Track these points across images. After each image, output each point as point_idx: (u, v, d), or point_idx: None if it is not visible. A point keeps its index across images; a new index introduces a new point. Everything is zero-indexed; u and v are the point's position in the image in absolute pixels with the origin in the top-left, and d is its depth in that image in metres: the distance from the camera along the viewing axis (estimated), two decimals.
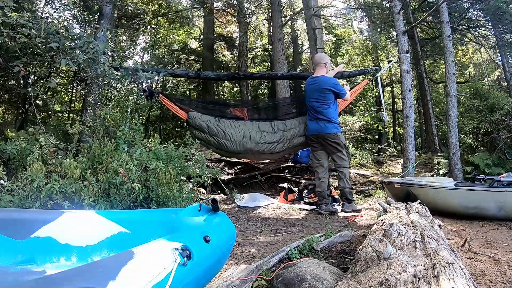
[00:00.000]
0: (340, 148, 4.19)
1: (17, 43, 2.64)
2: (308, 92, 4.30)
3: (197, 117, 4.51)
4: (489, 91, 6.33)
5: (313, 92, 4.20)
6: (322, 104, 4.16)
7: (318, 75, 4.26)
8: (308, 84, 4.32)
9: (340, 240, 2.71)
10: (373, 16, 10.26)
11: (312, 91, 4.22)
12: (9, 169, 2.46)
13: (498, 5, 7.80)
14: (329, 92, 4.15)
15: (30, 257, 1.35)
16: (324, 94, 4.15)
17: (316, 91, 4.17)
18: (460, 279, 1.16)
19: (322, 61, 4.30)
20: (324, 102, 4.16)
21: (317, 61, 4.35)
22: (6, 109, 7.85)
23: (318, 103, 4.17)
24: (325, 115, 4.15)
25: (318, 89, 4.16)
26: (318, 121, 4.17)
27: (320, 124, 4.16)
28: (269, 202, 5.12)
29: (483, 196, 3.56)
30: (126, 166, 2.45)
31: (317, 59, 4.41)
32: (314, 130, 4.23)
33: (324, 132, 4.15)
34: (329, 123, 4.16)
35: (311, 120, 4.26)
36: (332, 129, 4.17)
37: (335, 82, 4.27)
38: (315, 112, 4.19)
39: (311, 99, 4.23)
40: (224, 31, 15.05)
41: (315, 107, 4.18)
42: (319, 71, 4.28)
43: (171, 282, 0.98)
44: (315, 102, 4.18)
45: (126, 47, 9.93)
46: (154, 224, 1.60)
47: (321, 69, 4.27)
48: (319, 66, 4.29)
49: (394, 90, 16.80)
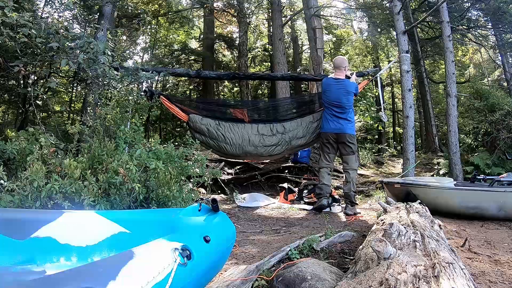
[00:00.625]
0: (354, 150, 4.30)
1: (17, 43, 2.64)
2: (332, 92, 4.31)
3: (198, 120, 4.54)
4: (489, 91, 6.32)
5: (339, 93, 4.25)
6: (348, 106, 4.27)
7: (341, 78, 4.34)
8: (332, 84, 4.34)
9: (340, 240, 2.71)
10: (373, 16, 10.26)
11: (337, 92, 4.27)
12: (9, 169, 2.46)
13: (498, 5, 7.80)
14: (352, 95, 4.32)
15: (30, 257, 1.34)
16: (349, 97, 4.28)
17: (343, 94, 4.25)
18: (460, 279, 1.16)
19: (343, 64, 4.41)
20: (349, 104, 4.29)
21: (338, 64, 4.42)
22: (6, 109, 7.86)
23: (344, 105, 4.24)
24: (348, 116, 4.26)
25: (346, 91, 4.26)
26: (340, 120, 4.23)
27: (342, 123, 4.22)
28: (269, 202, 5.12)
29: (483, 196, 3.56)
30: (126, 166, 2.45)
31: (339, 62, 4.47)
32: (335, 129, 4.24)
33: (346, 132, 4.22)
34: (350, 123, 4.27)
35: (332, 119, 4.27)
36: (352, 130, 4.30)
37: (357, 87, 4.46)
38: (338, 112, 4.24)
39: (334, 100, 4.26)
40: (224, 31, 15.05)
41: (340, 107, 4.24)
42: (340, 74, 4.37)
43: (171, 282, 0.98)
44: (339, 103, 4.24)
45: (126, 47, 9.93)
46: (154, 224, 1.60)
47: (342, 72, 4.38)
48: (339, 69, 4.38)
49: (394, 90, 16.80)
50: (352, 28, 16.82)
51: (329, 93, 4.32)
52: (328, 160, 4.35)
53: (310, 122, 4.69)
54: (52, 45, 2.75)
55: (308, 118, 4.73)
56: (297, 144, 4.71)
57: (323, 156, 4.40)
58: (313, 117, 4.71)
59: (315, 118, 4.68)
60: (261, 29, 15.26)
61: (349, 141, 4.23)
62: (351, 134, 4.27)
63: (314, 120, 4.68)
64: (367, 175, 7.96)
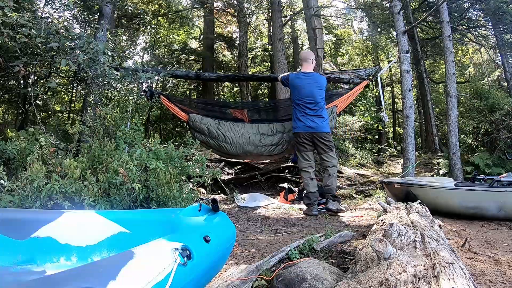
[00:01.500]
0: (332, 147, 4.14)
1: (17, 43, 2.64)
2: (304, 88, 4.05)
3: (198, 120, 4.54)
4: (489, 91, 6.33)
5: (311, 88, 4.02)
6: (320, 102, 4.06)
7: (310, 71, 4.14)
8: (302, 79, 4.08)
9: (340, 240, 2.71)
10: (373, 16, 10.26)
11: (309, 87, 4.03)
12: (9, 169, 2.46)
13: (498, 5, 7.80)
14: (324, 89, 4.13)
15: (30, 257, 1.35)
16: (322, 92, 4.08)
17: (315, 88, 4.04)
18: (460, 279, 1.16)
19: (311, 57, 4.23)
20: (322, 100, 4.09)
21: (306, 57, 4.23)
22: (6, 109, 7.86)
23: (317, 100, 4.04)
24: (321, 113, 4.06)
25: (318, 86, 4.05)
26: (314, 119, 4.02)
27: (317, 121, 4.02)
28: (269, 202, 5.12)
29: (483, 196, 3.56)
30: (126, 166, 2.45)
31: (306, 55, 4.29)
32: (309, 128, 4.02)
33: (322, 131, 4.04)
34: (324, 121, 4.08)
35: (305, 117, 4.02)
36: (327, 128, 4.11)
37: (326, 80, 4.27)
38: (311, 110, 4.02)
39: (307, 96, 4.01)
40: (224, 31, 15.05)
41: (313, 104, 4.02)
42: (309, 67, 4.16)
43: (171, 282, 0.98)
44: (313, 99, 4.02)
45: (126, 47, 9.93)
46: (154, 224, 1.60)
47: (310, 65, 4.17)
48: (307, 62, 4.18)
49: (394, 90, 16.81)
50: (352, 28, 16.83)
51: (300, 88, 4.05)
52: (307, 159, 4.13)
53: None
54: (52, 45, 2.75)
55: None
56: None
57: (301, 157, 4.16)
58: None
59: None
60: (261, 29, 15.26)
61: (326, 139, 4.06)
62: (328, 132, 4.09)
63: None
64: (367, 175, 7.95)
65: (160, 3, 11.71)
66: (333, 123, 4.68)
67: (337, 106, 4.70)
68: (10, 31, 2.57)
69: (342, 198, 5.37)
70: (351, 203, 5.26)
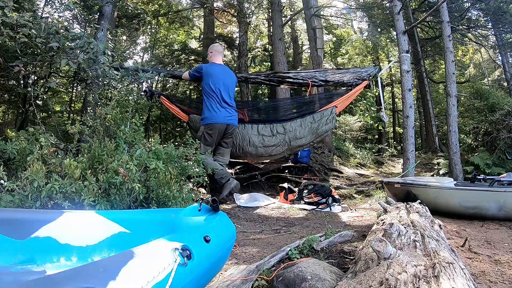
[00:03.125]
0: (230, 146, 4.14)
1: (17, 43, 2.64)
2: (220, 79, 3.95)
3: (198, 120, 4.54)
4: (489, 91, 6.34)
5: (227, 79, 3.96)
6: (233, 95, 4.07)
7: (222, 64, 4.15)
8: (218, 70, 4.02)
9: (340, 240, 2.71)
10: (373, 16, 10.27)
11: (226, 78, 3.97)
12: (9, 169, 2.46)
13: (498, 5, 7.80)
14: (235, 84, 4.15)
15: (30, 257, 1.34)
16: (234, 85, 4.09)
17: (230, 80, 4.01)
18: (460, 279, 1.16)
19: (221, 49, 4.26)
20: (233, 93, 4.10)
21: (220, 50, 4.25)
22: (6, 109, 7.86)
23: (232, 93, 4.02)
24: (234, 105, 4.03)
25: (232, 78, 4.06)
26: (230, 110, 3.94)
27: (232, 113, 3.96)
28: (269, 202, 5.12)
29: (483, 196, 3.56)
30: (126, 166, 2.45)
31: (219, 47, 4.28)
32: (226, 119, 3.89)
33: (235, 124, 4.00)
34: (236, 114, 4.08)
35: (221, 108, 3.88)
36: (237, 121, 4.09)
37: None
38: (226, 101, 3.93)
39: (223, 86, 3.92)
40: (224, 31, 15.05)
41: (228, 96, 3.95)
42: (220, 60, 4.16)
43: (171, 282, 0.98)
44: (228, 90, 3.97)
45: (126, 47, 9.92)
46: (154, 224, 1.60)
47: (221, 58, 4.18)
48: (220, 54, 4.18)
49: (394, 90, 16.81)
50: (352, 28, 16.84)
51: (217, 79, 3.93)
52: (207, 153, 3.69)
53: (311, 122, 4.69)
54: (52, 45, 2.75)
55: (309, 118, 4.73)
56: (297, 145, 4.71)
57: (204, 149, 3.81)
58: (313, 118, 4.71)
59: (316, 118, 4.67)
60: (261, 29, 15.27)
61: (232, 134, 4.04)
62: (237, 127, 4.08)
63: (315, 121, 4.67)
64: (367, 175, 7.96)
65: (160, 3, 11.71)
66: (332, 123, 4.67)
67: (337, 106, 4.70)
68: (10, 31, 2.57)
69: (342, 198, 5.37)
70: (351, 203, 5.27)
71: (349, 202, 5.33)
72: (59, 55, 2.92)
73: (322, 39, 8.39)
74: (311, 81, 4.62)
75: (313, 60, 8.63)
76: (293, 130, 4.65)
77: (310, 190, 5.13)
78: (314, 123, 4.67)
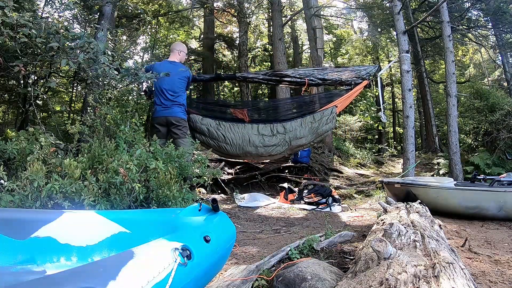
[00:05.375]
0: (186, 135, 4.17)
1: (17, 43, 2.64)
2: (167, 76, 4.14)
3: (198, 121, 4.55)
4: (489, 91, 6.34)
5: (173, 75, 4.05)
6: (180, 91, 4.14)
7: (176, 61, 4.22)
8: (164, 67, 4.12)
9: (340, 240, 2.71)
10: (373, 16, 10.27)
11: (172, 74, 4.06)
12: (9, 169, 2.46)
13: (498, 5, 7.81)
14: (186, 80, 4.20)
15: (30, 257, 1.34)
16: (182, 82, 4.16)
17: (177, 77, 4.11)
18: (460, 279, 1.16)
19: (177, 48, 4.30)
20: (182, 89, 4.17)
21: (172, 47, 4.33)
22: (6, 109, 7.85)
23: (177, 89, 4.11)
24: (180, 100, 4.13)
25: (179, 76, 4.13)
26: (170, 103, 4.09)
27: (172, 107, 4.09)
28: (269, 202, 5.12)
29: (483, 196, 3.56)
30: (126, 166, 2.45)
31: (173, 45, 4.38)
32: (165, 112, 4.08)
33: (177, 116, 4.09)
34: (181, 107, 4.14)
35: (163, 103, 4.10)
36: (183, 114, 4.17)
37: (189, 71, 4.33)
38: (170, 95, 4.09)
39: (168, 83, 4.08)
40: (224, 31, 15.05)
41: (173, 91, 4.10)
42: (174, 57, 4.25)
43: (171, 282, 0.98)
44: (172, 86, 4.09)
45: (126, 47, 9.92)
46: (154, 224, 1.60)
47: (176, 55, 4.26)
48: (173, 52, 4.27)
49: (394, 90, 16.81)
50: (352, 28, 16.85)
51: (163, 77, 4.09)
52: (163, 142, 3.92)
53: (311, 122, 4.69)
54: (52, 45, 2.74)
55: (309, 118, 4.73)
56: (297, 144, 4.70)
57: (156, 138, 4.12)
58: (313, 118, 4.71)
59: (316, 118, 4.67)
60: (261, 29, 15.27)
61: (179, 124, 4.10)
62: (182, 118, 4.15)
63: (315, 121, 4.67)
64: (367, 175, 7.96)
65: (160, 3, 11.71)
66: (333, 123, 4.67)
67: (337, 106, 4.70)
68: (10, 31, 2.57)
69: (342, 198, 5.37)
70: (351, 203, 5.27)
71: (349, 202, 5.33)
72: (59, 55, 2.91)
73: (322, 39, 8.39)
74: (308, 80, 4.63)
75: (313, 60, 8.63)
76: (293, 129, 4.64)
77: (310, 190, 5.13)
78: (314, 122, 4.67)
